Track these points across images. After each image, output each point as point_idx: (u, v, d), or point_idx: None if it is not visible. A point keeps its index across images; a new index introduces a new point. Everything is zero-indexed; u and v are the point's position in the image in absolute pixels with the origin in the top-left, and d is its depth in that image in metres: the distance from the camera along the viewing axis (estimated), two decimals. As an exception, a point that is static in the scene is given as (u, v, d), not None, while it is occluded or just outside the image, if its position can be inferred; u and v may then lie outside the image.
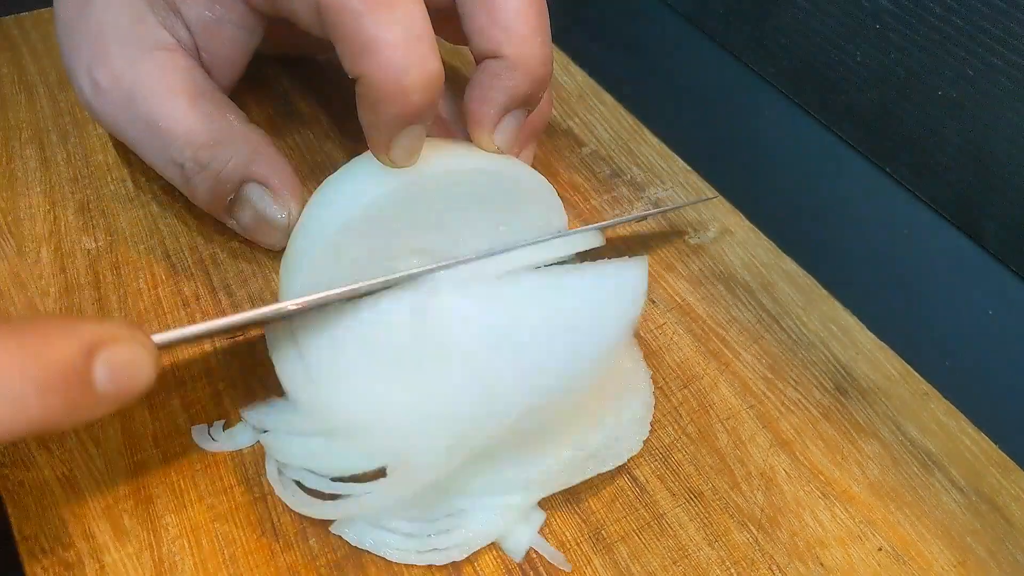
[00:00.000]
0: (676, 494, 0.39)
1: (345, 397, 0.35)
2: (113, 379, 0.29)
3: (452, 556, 0.36)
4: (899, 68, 0.48)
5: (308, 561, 0.35)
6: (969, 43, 0.44)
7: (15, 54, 0.56)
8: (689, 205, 0.52)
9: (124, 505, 0.36)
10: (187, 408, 0.40)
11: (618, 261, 0.39)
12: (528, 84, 0.40)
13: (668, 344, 0.45)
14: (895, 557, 0.38)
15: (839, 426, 0.42)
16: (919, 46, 0.46)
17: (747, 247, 0.50)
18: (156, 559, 0.35)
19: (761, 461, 0.40)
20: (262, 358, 0.39)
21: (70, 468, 0.37)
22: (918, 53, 0.46)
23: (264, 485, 0.37)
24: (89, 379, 0.28)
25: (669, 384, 0.43)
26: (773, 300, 0.48)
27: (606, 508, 0.38)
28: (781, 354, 0.45)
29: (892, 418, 0.43)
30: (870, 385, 0.44)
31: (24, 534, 0.35)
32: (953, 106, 0.45)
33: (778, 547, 0.38)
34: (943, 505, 0.40)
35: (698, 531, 0.38)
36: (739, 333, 0.46)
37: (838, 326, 0.47)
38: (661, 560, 0.37)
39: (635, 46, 0.68)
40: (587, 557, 0.37)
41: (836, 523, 0.39)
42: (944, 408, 0.43)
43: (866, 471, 0.41)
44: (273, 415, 0.38)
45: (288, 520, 0.36)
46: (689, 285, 0.48)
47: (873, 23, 0.48)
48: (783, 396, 0.43)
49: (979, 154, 0.45)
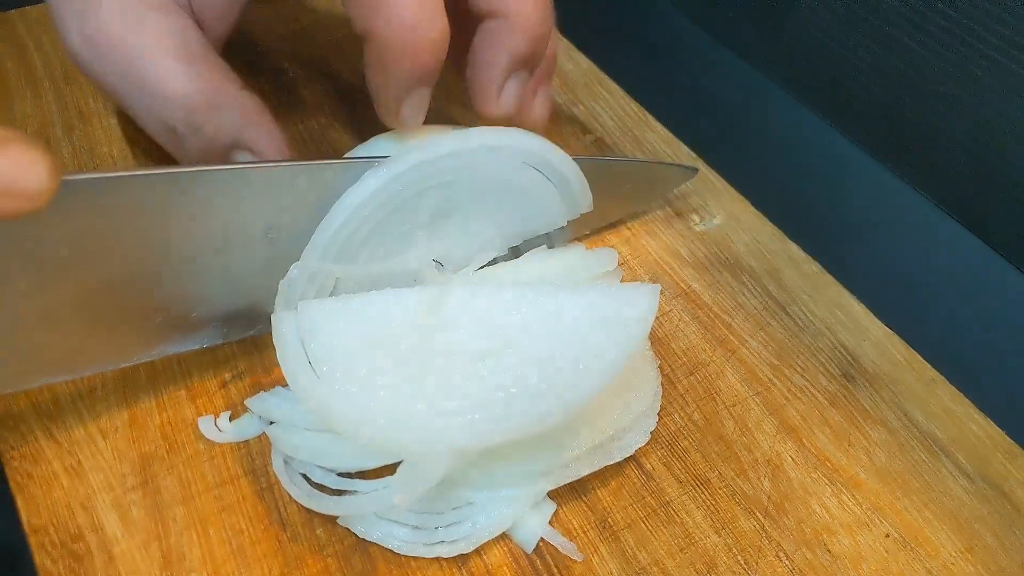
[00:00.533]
0: (683, 481, 0.39)
1: (350, 395, 0.35)
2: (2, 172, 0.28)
3: (460, 548, 0.36)
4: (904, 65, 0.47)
5: (315, 551, 0.36)
6: (974, 41, 0.43)
7: (20, 48, 0.56)
8: (670, 167, 0.51)
9: (132, 496, 0.36)
10: (193, 399, 0.40)
11: (630, 284, 0.39)
12: (529, 44, 0.40)
13: (674, 331, 0.45)
14: (902, 543, 0.38)
15: (846, 413, 0.42)
16: (925, 44, 0.46)
17: (753, 234, 0.50)
18: (164, 550, 0.35)
19: (768, 448, 0.40)
20: (268, 349, 0.39)
21: (78, 460, 0.37)
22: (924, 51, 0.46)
23: (271, 475, 0.37)
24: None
25: (675, 371, 0.43)
26: (779, 287, 0.47)
27: (612, 496, 0.38)
28: (787, 341, 0.45)
29: (899, 405, 0.43)
30: (877, 372, 0.44)
31: (33, 526, 0.35)
32: (958, 103, 0.45)
33: (785, 534, 0.38)
34: (950, 491, 0.40)
35: (705, 518, 0.38)
36: (745, 320, 0.46)
37: (844, 313, 0.46)
38: (668, 547, 0.37)
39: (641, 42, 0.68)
40: (594, 545, 0.37)
41: (843, 510, 0.39)
42: (951, 395, 0.43)
43: (873, 458, 0.41)
44: (279, 405, 0.38)
45: (295, 510, 0.37)
46: (695, 272, 0.48)
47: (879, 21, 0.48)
48: (789, 383, 0.43)
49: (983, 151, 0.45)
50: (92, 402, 0.39)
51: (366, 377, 0.35)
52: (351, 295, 0.37)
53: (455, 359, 0.36)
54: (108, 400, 0.39)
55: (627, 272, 0.47)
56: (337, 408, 0.35)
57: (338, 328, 0.37)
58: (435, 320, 0.37)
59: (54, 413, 0.39)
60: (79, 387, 0.40)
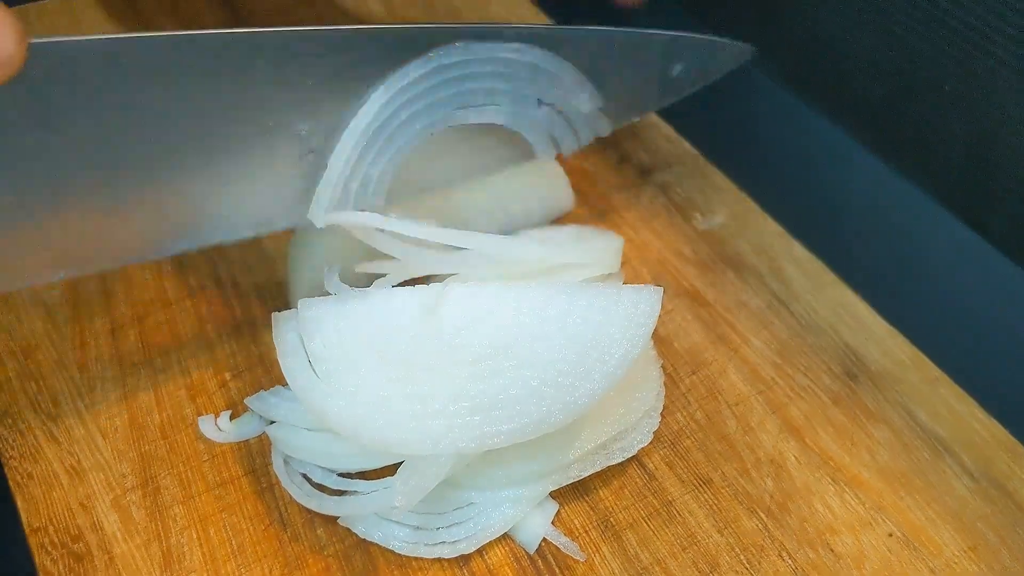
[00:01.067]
0: (685, 481, 0.39)
1: (349, 394, 0.35)
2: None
3: (461, 549, 0.36)
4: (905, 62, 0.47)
5: (316, 551, 0.35)
6: (975, 38, 0.43)
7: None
8: (724, 42, 0.48)
9: (132, 496, 0.36)
10: (193, 398, 0.40)
11: (632, 287, 0.39)
12: None
13: (676, 330, 0.45)
14: (905, 543, 0.38)
15: (849, 412, 0.42)
16: (925, 40, 0.46)
17: (756, 232, 0.50)
18: (165, 550, 0.35)
19: (770, 447, 0.40)
20: (268, 348, 0.39)
21: (78, 460, 0.37)
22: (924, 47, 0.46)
23: (271, 475, 0.37)
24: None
25: (678, 370, 0.43)
26: (782, 285, 0.47)
27: (614, 496, 0.38)
28: (790, 340, 0.45)
29: (902, 403, 0.42)
30: (880, 370, 0.44)
31: (33, 526, 0.35)
32: (958, 100, 0.45)
33: (788, 533, 0.37)
34: (953, 490, 0.40)
35: (707, 518, 0.38)
36: (748, 319, 0.45)
37: (848, 311, 0.46)
38: (670, 547, 0.37)
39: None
40: (595, 545, 0.37)
41: (846, 509, 0.38)
42: (954, 393, 0.43)
43: (876, 457, 0.40)
44: (280, 405, 0.38)
45: (296, 510, 0.36)
46: (697, 271, 0.48)
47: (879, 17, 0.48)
48: (792, 382, 0.43)
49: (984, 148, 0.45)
50: (92, 402, 0.39)
51: (365, 377, 0.35)
52: (351, 295, 0.37)
53: (455, 360, 0.36)
54: (108, 399, 0.39)
55: (629, 271, 0.47)
56: (336, 408, 0.34)
57: (338, 328, 0.37)
58: (436, 321, 0.37)
59: (54, 413, 0.39)
60: (79, 387, 0.40)
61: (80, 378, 0.40)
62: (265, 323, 0.42)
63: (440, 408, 0.34)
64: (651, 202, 0.51)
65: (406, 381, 0.35)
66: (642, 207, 0.51)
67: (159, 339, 0.42)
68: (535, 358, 0.35)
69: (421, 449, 0.34)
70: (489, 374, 0.35)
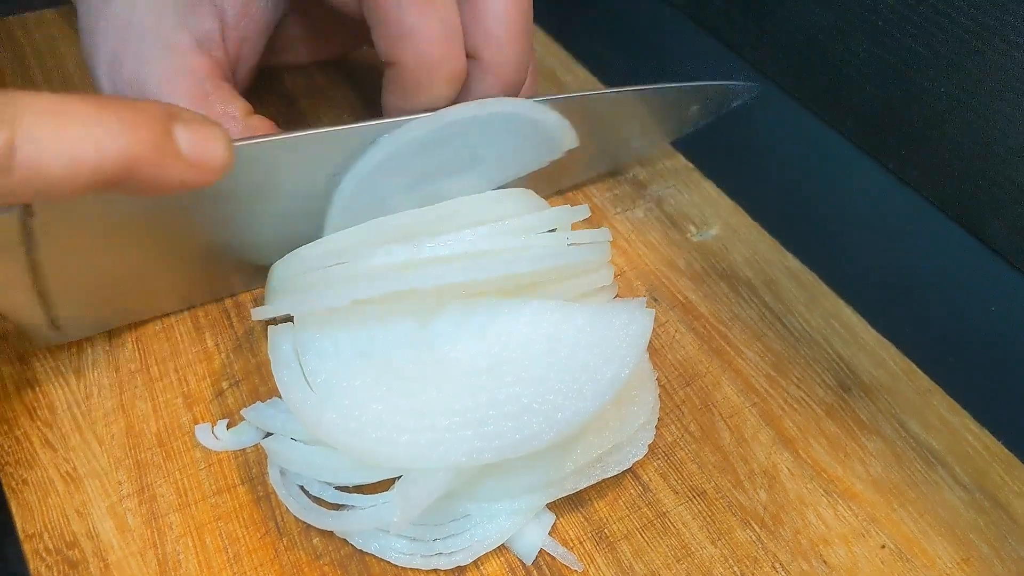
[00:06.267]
0: (679, 492, 0.39)
1: (343, 408, 0.35)
2: (192, 143, 0.30)
3: (458, 560, 0.36)
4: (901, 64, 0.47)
5: (311, 560, 0.35)
6: (972, 39, 0.43)
7: (19, 54, 0.56)
8: (732, 85, 0.52)
9: (128, 503, 0.36)
10: (190, 407, 0.40)
11: (625, 306, 0.39)
12: (499, 89, 0.41)
13: (671, 342, 0.45)
14: (898, 554, 0.38)
15: (842, 423, 0.42)
16: (921, 42, 0.46)
17: (750, 244, 0.50)
18: (160, 557, 0.35)
19: (764, 459, 0.40)
20: (265, 358, 0.39)
21: (74, 466, 0.37)
22: (920, 49, 0.46)
23: (268, 484, 0.37)
24: (170, 130, 0.29)
25: (672, 382, 0.43)
26: (776, 297, 0.48)
27: (609, 507, 0.38)
28: (784, 351, 0.45)
29: (895, 415, 0.43)
30: (873, 382, 0.44)
31: (28, 532, 0.35)
32: (956, 102, 0.45)
33: (781, 545, 0.38)
34: (946, 502, 0.40)
35: (701, 529, 0.38)
36: (742, 331, 0.46)
37: (841, 323, 0.47)
38: (664, 558, 0.37)
39: (636, 43, 0.68)
40: (590, 556, 0.37)
41: (839, 520, 0.39)
42: (947, 405, 0.43)
43: (869, 468, 0.41)
44: (275, 417, 0.38)
45: (292, 519, 0.36)
46: (691, 283, 0.48)
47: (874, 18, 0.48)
48: (786, 393, 0.43)
49: (982, 151, 0.45)
50: (88, 408, 0.39)
51: (359, 391, 0.35)
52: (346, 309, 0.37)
53: (449, 375, 0.36)
54: (104, 406, 0.39)
55: (623, 283, 0.47)
56: (329, 421, 0.34)
57: (333, 341, 0.37)
58: (430, 335, 0.37)
59: (50, 419, 0.39)
60: (75, 393, 0.40)
61: (77, 385, 0.40)
62: (263, 334, 0.42)
63: (432, 422, 0.34)
64: (645, 215, 0.51)
65: (399, 395, 0.35)
66: (636, 220, 0.51)
67: (156, 347, 0.42)
68: (527, 375, 0.36)
69: (413, 463, 0.34)
70: (481, 389, 0.35)
